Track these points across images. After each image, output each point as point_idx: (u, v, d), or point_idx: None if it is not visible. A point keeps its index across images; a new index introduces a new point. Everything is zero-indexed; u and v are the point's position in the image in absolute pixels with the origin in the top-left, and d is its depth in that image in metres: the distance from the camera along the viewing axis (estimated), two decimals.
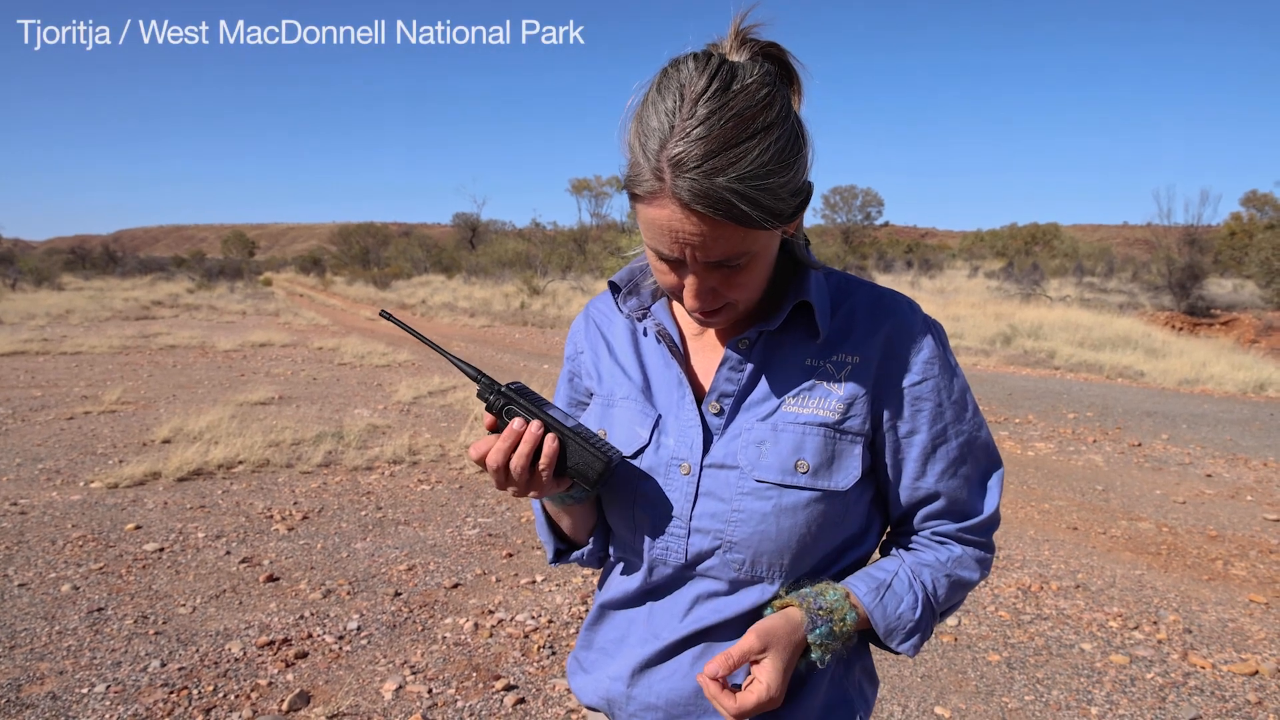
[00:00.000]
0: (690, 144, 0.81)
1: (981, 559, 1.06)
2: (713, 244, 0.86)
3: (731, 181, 0.81)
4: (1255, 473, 6.45)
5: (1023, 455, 6.95)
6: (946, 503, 1.03)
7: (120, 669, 3.04)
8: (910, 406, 1.00)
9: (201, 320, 19.14)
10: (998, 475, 1.06)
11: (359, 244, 61.29)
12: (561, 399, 1.19)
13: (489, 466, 0.94)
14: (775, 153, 0.83)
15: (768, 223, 0.85)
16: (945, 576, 1.03)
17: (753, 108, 0.82)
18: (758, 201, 0.83)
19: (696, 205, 0.82)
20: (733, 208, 0.82)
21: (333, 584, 3.91)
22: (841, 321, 1.02)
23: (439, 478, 5.84)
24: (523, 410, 0.95)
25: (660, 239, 0.88)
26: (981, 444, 1.04)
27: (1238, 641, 3.52)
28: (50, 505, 4.91)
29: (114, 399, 8.13)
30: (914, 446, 1.01)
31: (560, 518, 1.11)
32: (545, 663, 3.23)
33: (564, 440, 0.95)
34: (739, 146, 0.81)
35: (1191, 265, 23.14)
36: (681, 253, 0.88)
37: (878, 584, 1.00)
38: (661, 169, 0.83)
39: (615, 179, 15.55)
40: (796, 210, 0.89)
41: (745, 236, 0.87)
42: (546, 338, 16.77)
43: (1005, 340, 14.86)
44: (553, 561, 1.17)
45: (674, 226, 0.86)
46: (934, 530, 1.05)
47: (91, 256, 49.53)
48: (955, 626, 3.64)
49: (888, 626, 0.99)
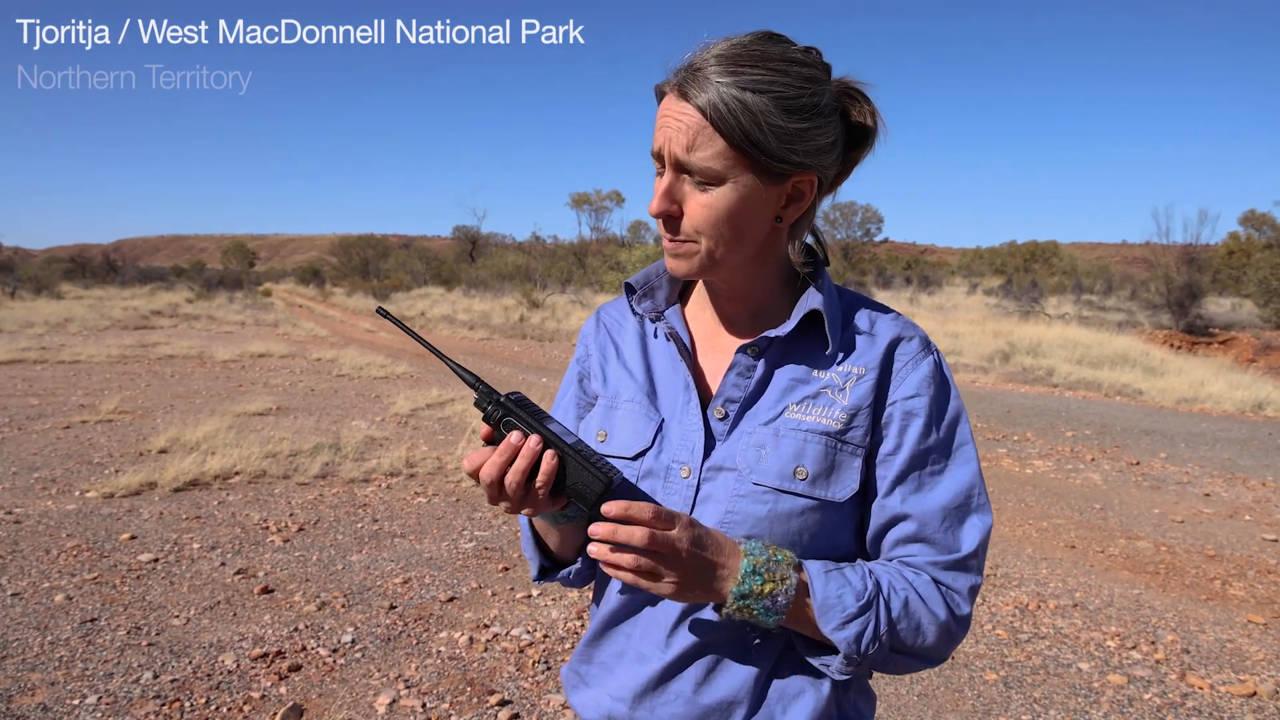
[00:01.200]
0: (711, 55, 0.91)
1: (951, 601, 0.96)
2: (687, 137, 0.91)
3: (726, 85, 0.88)
4: (1253, 492, 6.44)
5: (1021, 473, 6.94)
6: (918, 526, 0.97)
7: (112, 680, 3.02)
8: (899, 422, 0.99)
9: (200, 330, 19.13)
10: (983, 521, 0.99)
11: (359, 256, 61.43)
12: (569, 399, 1.18)
13: (482, 480, 0.90)
14: (780, 93, 0.90)
15: (743, 144, 0.90)
16: (904, 590, 0.94)
17: (779, 56, 0.92)
18: (738, 115, 0.89)
19: (690, 92, 0.90)
20: (718, 106, 0.88)
21: (327, 596, 3.89)
22: (851, 335, 1.02)
23: (436, 491, 5.83)
24: (522, 422, 0.91)
25: (656, 131, 0.95)
26: (967, 479, 0.99)
27: (1236, 662, 3.51)
28: (45, 514, 4.89)
29: (111, 408, 8.12)
30: (895, 463, 0.98)
31: (548, 534, 1.09)
32: (540, 678, 3.21)
33: (564, 457, 0.90)
34: (748, 67, 0.89)
35: (1190, 284, 23.20)
36: (661, 145, 0.94)
37: (832, 566, 0.95)
38: (680, 69, 0.93)
39: (615, 193, 15.50)
40: (777, 159, 0.92)
41: (721, 152, 0.91)
42: (545, 351, 16.77)
43: (1004, 357, 14.87)
44: (537, 579, 1.14)
45: (665, 112, 0.93)
46: (904, 558, 0.98)
47: (91, 265, 49.58)
48: None
49: (825, 601, 0.91)
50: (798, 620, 0.94)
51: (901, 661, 0.96)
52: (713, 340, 1.09)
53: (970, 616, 0.98)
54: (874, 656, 0.93)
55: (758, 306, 1.06)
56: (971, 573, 0.98)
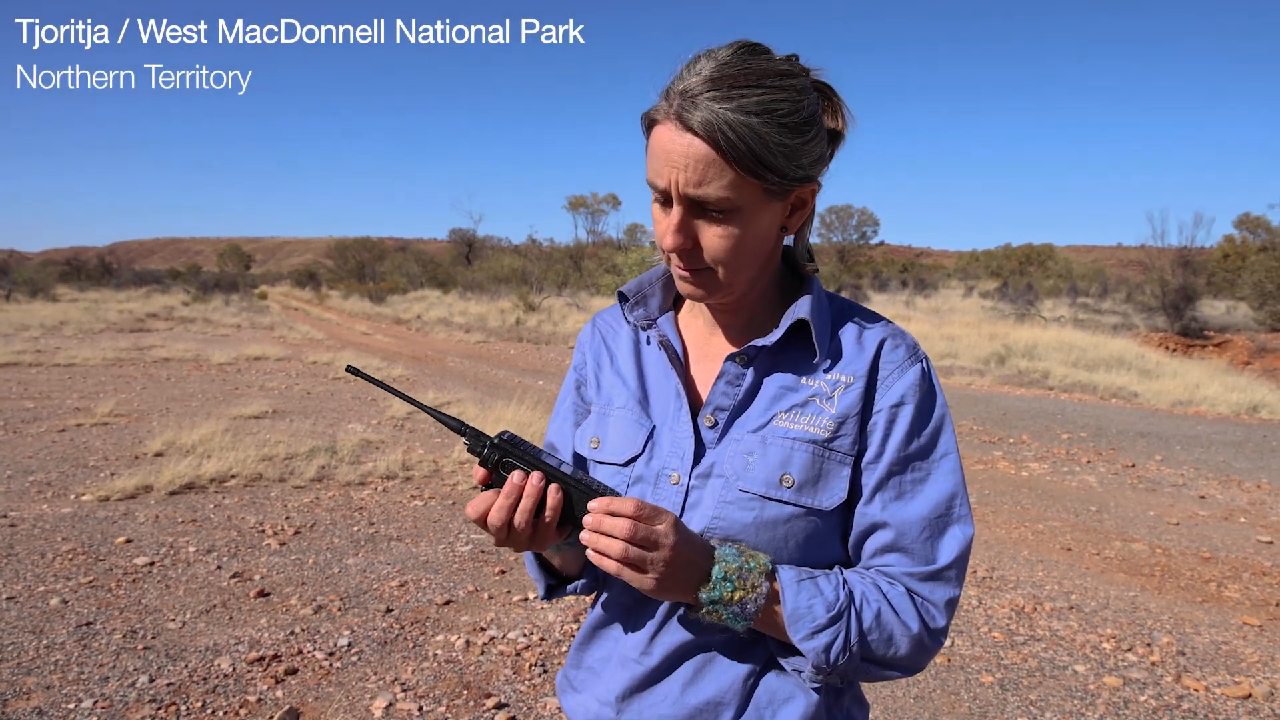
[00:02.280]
0: (701, 79, 0.89)
1: (926, 613, 0.96)
2: (696, 172, 0.89)
3: (729, 111, 0.87)
4: (1248, 494, 6.46)
5: (1017, 475, 6.96)
6: (896, 536, 0.97)
7: (108, 684, 3.01)
8: (883, 428, 0.98)
9: (196, 333, 19.11)
10: (963, 532, 0.98)
11: (355, 258, 61.38)
12: (568, 406, 1.19)
13: (491, 525, 0.92)
14: (782, 111, 0.89)
15: (754, 169, 0.89)
16: (878, 601, 0.94)
17: (769, 70, 0.90)
18: (747, 141, 0.87)
19: (691, 122, 0.88)
20: (724, 134, 0.87)
21: (324, 600, 3.88)
22: (839, 343, 1.03)
23: (432, 494, 5.82)
24: (520, 461, 0.92)
25: (655, 164, 0.93)
26: (948, 489, 0.98)
27: (1231, 664, 3.51)
28: (40, 518, 4.88)
29: (107, 411, 8.10)
30: (877, 470, 0.98)
31: (552, 557, 1.10)
32: (537, 681, 3.21)
33: (566, 490, 0.92)
34: (744, 88, 0.88)
35: (1185, 287, 23.25)
36: (669, 181, 0.91)
37: (805, 575, 0.95)
38: (672, 96, 0.91)
39: (612, 196, 15.41)
40: (787, 178, 0.92)
41: (732, 181, 0.90)
42: (541, 354, 16.76)
43: (1000, 360, 14.89)
44: (545, 598, 1.15)
45: (667, 146, 0.90)
46: (881, 567, 0.98)
47: (87, 268, 49.55)
48: (949, 647, 3.63)
49: (795, 611, 0.92)
50: (769, 626, 0.95)
51: (874, 671, 0.96)
52: (705, 348, 1.09)
53: (946, 629, 0.98)
54: (844, 667, 0.93)
55: (750, 315, 1.07)
56: (949, 584, 0.97)
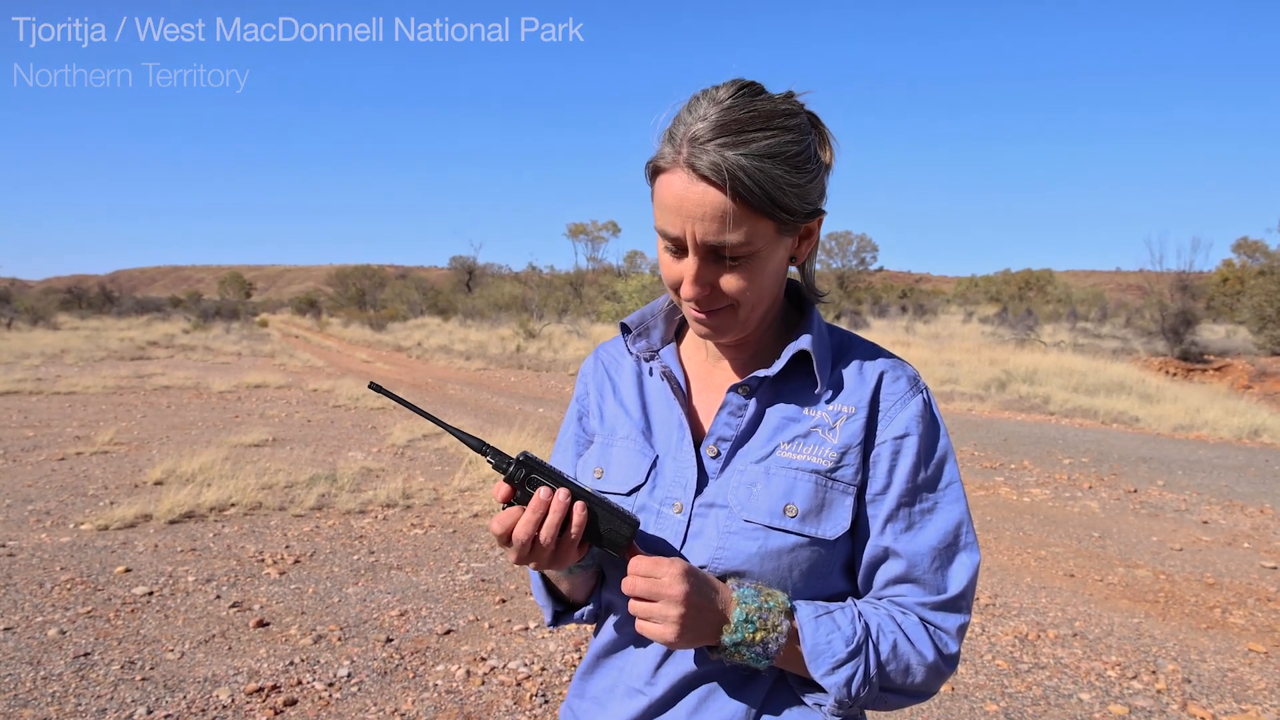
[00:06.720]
0: (708, 125, 0.89)
1: (940, 641, 0.98)
2: (713, 221, 0.90)
3: (740, 157, 0.88)
4: (1251, 519, 6.44)
5: (1018, 501, 6.93)
6: (907, 567, 0.98)
7: (106, 716, 2.98)
8: (888, 460, 1.00)
9: (197, 361, 19.11)
10: (971, 559, 1.00)
11: (355, 286, 61.64)
12: (570, 437, 1.20)
13: (516, 540, 0.93)
14: (789, 153, 0.91)
15: (770, 211, 0.90)
16: (893, 632, 0.96)
17: (773, 112, 0.91)
18: (762, 185, 0.89)
19: (704, 171, 0.88)
20: (738, 181, 0.88)
21: (324, 629, 3.86)
22: (840, 374, 1.04)
23: (432, 522, 5.80)
24: (546, 479, 0.94)
25: (667, 214, 0.93)
26: (955, 518, 1.00)
27: (1237, 691, 3.49)
28: (39, 547, 4.86)
29: (107, 440, 8.09)
30: (884, 502, 0.99)
31: (560, 581, 1.10)
32: (538, 712, 3.18)
33: (591, 507, 0.94)
34: (753, 133, 0.89)
35: (1184, 311, 23.27)
36: (683, 230, 0.92)
37: (822, 610, 0.96)
38: (679, 144, 0.91)
39: (612, 223, 15.48)
40: (800, 215, 0.94)
41: (749, 227, 0.91)
42: (542, 381, 16.76)
43: (1000, 385, 14.88)
44: (552, 624, 1.16)
45: (680, 194, 0.91)
46: (893, 598, 1.00)
47: (88, 296, 49.67)
48: (952, 676, 3.59)
49: (815, 647, 0.93)
50: (790, 663, 0.96)
51: (892, 700, 0.99)
52: (707, 379, 1.11)
53: (959, 654, 1.00)
54: (865, 698, 0.95)
55: (755, 346, 1.09)
56: (960, 612, 1.00)
